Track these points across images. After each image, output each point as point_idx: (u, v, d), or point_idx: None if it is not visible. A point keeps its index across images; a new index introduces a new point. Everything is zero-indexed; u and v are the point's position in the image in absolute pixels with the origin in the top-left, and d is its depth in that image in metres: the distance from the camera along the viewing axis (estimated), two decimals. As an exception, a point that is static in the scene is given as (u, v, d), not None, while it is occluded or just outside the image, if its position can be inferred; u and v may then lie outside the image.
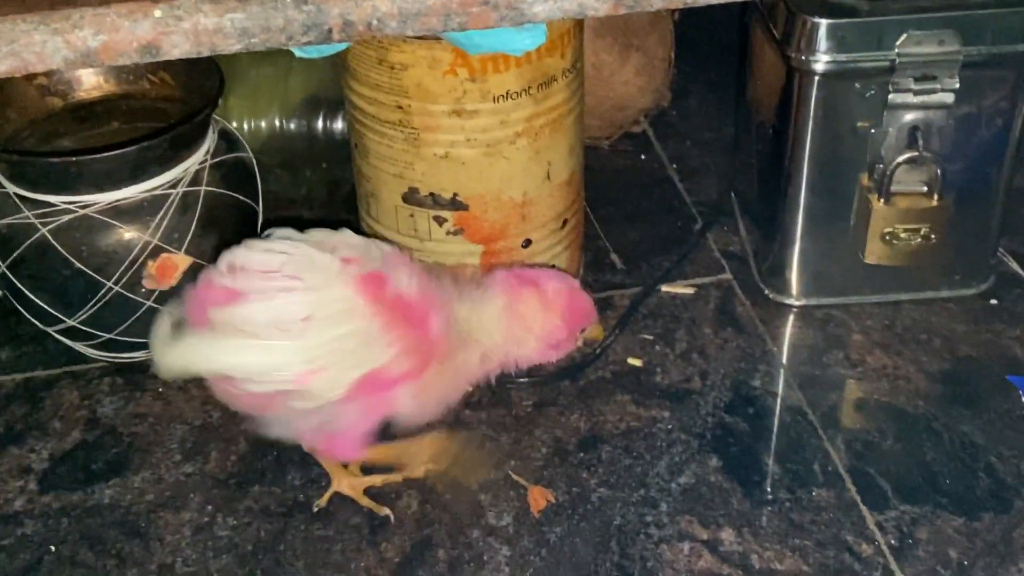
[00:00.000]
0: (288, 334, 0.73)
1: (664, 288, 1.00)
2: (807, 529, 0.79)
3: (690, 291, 1.00)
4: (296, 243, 0.76)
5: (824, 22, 0.85)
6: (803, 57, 0.87)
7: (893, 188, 0.90)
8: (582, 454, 0.85)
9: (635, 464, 0.84)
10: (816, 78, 0.87)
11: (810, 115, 0.89)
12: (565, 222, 0.94)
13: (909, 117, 0.88)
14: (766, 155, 0.97)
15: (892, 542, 0.77)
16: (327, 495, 0.82)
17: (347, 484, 0.82)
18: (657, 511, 0.81)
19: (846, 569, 0.76)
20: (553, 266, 0.94)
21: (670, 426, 0.87)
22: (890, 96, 0.87)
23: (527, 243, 0.92)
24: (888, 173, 0.89)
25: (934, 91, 0.87)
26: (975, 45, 0.85)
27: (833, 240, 0.95)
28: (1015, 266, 1.01)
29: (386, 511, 0.81)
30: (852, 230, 0.93)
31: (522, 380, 0.91)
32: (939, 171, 0.89)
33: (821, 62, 0.87)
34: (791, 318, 0.97)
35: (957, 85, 0.86)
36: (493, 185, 0.88)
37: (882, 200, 0.90)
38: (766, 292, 0.99)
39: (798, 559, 0.77)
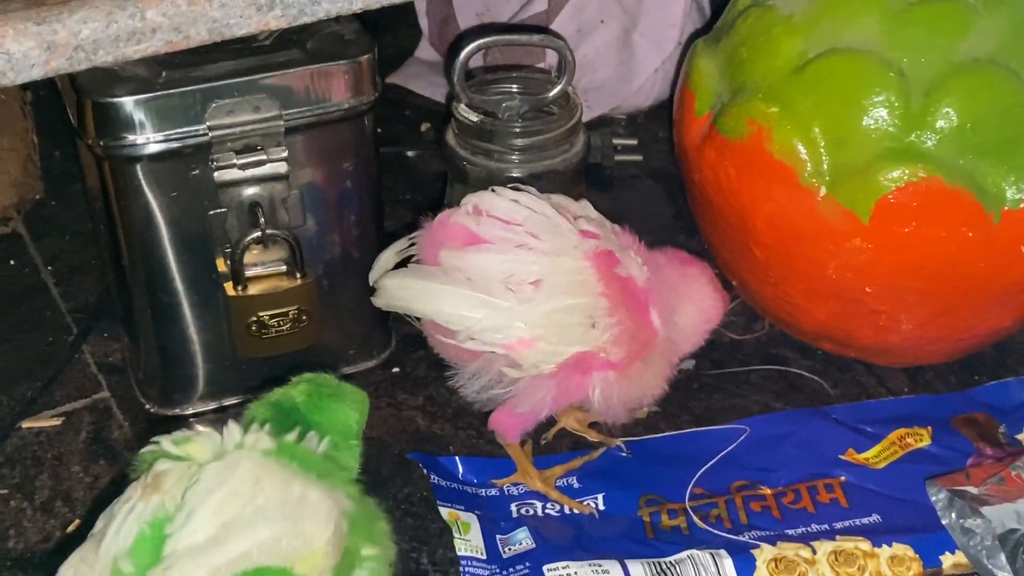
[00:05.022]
0: (515, 295, 0.71)
1: (25, 424, 0.84)
2: None
3: (57, 422, 0.85)
4: (541, 202, 0.74)
5: (116, 102, 0.73)
6: (104, 143, 0.75)
7: (249, 272, 0.80)
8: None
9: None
10: (129, 165, 0.76)
11: (136, 205, 0.77)
12: None
13: (248, 193, 0.79)
14: (112, 255, 0.83)
15: None
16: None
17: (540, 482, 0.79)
18: None
19: None
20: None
21: (17, 605, 0.72)
22: (215, 174, 0.77)
23: None
24: (237, 257, 0.79)
25: (262, 163, 0.78)
26: (298, 108, 0.77)
27: (205, 337, 0.83)
28: (416, 324, 0.95)
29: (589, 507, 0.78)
30: (223, 324, 0.83)
31: None
32: (293, 246, 0.80)
33: (129, 146, 0.75)
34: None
35: (285, 153, 0.78)
36: None
37: (239, 287, 0.80)
38: (147, 406, 0.86)
39: None
